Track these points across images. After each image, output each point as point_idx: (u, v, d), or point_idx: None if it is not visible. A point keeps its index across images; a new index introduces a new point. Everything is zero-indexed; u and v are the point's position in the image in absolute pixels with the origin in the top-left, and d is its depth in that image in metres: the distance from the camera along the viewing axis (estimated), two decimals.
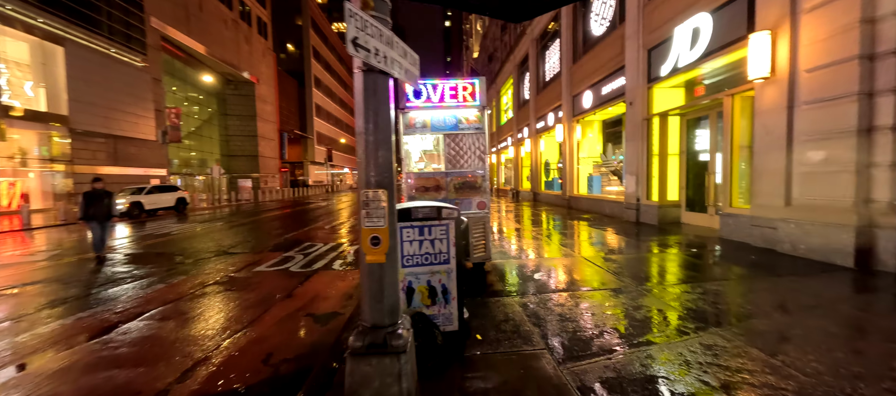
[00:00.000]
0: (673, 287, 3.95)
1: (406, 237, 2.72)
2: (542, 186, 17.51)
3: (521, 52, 20.11)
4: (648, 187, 8.73)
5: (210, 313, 3.83)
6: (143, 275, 5.45)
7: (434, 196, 4.14)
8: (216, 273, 5.38)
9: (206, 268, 5.76)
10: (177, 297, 4.34)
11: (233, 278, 5.12)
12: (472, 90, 4.04)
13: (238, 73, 38.95)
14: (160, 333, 3.36)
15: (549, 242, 6.81)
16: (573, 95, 13.06)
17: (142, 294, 4.51)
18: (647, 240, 6.61)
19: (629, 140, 9.24)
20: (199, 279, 5.07)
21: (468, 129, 4.10)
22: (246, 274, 5.29)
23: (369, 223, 1.94)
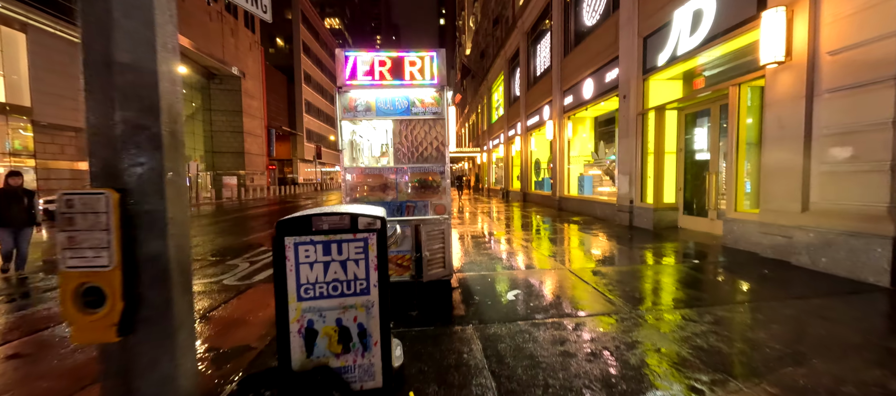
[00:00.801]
0: (674, 312, 3.18)
1: (304, 257, 1.89)
2: (532, 186, 16.77)
3: (512, 46, 19.35)
4: (643, 189, 7.99)
5: (85, 349, 2.97)
6: (32, 294, 4.54)
7: (381, 198, 3.32)
8: None
9: None
10: (48, 325, 3.46)
11: None
12: (424, 66, 3.22)
13: (223, 67, 37.67)
14: None
15: (533, 249, 6.02)
16: (564, 90, 12.32)
17: (11, 320, 3.62)
18: (641, 248, 5.86)
19: (622, 137, 8.50)
20: None
21: (423, 114, 3.28)
22: None
23: (76, 261, 1.07)
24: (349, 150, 3.77)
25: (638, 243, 6.21)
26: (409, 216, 3.34)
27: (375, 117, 3.25)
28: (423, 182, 3.33)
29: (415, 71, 3.22)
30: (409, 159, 3.35)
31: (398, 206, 3.32)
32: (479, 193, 27.79)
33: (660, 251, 5.56)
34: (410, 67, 3.22)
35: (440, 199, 3.36)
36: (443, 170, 3.35)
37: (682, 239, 6.40)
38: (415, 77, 3.23)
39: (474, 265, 4.93)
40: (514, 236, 7.36)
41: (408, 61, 3.20)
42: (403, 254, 3.34)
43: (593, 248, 6.00)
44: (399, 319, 3.10)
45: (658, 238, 6.57)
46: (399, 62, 3.22)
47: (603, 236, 7.07)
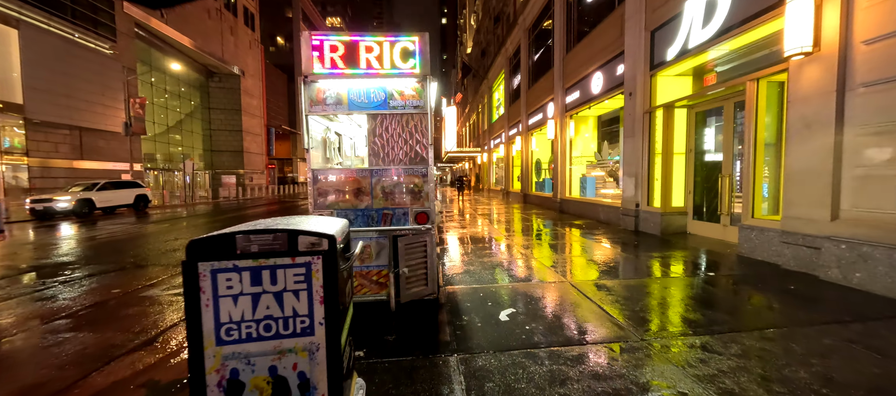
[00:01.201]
0: (692, 339, 2.73)
1: (226, 289, 1.45)
2: (532, 187, 16.30)
3: (513, 44, 18.89)
4: (649, 191, 7.53)
5: None
6: None
7: (353, 205, 2.88)
8: (88, 296, 4.07)
9: (80, 290, 4.44)
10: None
11: (101, 304, 3.82)
12: (406, 50, 2.77)
13: (222, 65, 37.37)
14: None
15: (532, 257, 5.57)
16: (566, 87, 11.86)
17: None
18: (649, 256, 5.40)
19: (628, 137, 8.04)
20: (50, 307, 3.77)
21: (402, 107, 2.84)
22: (121, 299, 3.99)
23: None
24: (322, 149, 3.34)
25: (645, 251, 5.75)
26: (386, 226, 2.90)
27: (347, 112, 2.81)
28: (401, 186, 2.89)
29: (393, 58, 2.77)
30: (387, 159, 2.91)
31: (374, 214, 2.88)
32: (479, 193, 27.34)
33: (669, 261, 5.10)
34: (387, 52, 2.77)
35: (423, 206, 2.92)
36: (425, 173, 2.91)
37: (693, 247, 5.93)
38: (394, 65, 2.79)
39: (467, 276, 4.49)
40: (512, 241, 6.91)
41: (385, 47, 2.76)
42: (380, 269, 2.91)
43: (597, 256, 5.54)
44: (372, 346, 2.67)
45: (666, 245, 6.11)
46: (375, 48, 2.77)
47: (607, 242, 6.61)
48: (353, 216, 2.87)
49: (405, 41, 2.77)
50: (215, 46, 36.35)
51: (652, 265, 4.95)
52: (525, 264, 5.14)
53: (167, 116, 34.67)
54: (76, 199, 13.54)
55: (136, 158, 26.08)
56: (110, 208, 15.44)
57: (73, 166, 21.47)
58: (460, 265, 5.05)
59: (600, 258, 5.43)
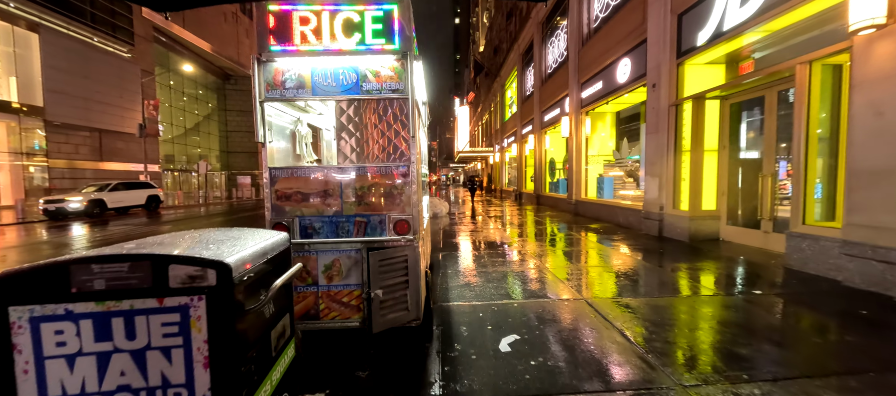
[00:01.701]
0: (747, 386, 2.10)
1: (57, 346, 0.96)
2: (546, 187, 15.58)
3: (526, 39, 18.19)
4: (676, 193, 6.78)
5: None
6: None
7: (319, 211, 2.37)
8: None
9: None
10: None
11: None
12: (380, 20, 2.25)
13: (238, 67, 37.94)
14: None
15: (544, 266, 4.97)
16: (581, 82, 11.13)
17: None
18: (678, 268, 4.72)
19: (650, 133, 7.30)
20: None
21: (378, 91, 2.31)
22: None
23: None
24: (292, 145, 2.85)
25: (672, 261, 5.06)
26: (359, 236, 2.38)
27: (311, 97, 2.31)
28: (376, 188, 2.36)
29: (365, 30, 2.25)
30: (361, 155, 2.39)
31: (344, 222, 2.37)
32: (491, 194, 26.66)
33: (702, 274, 4.41)
34: (357, 23, 2.25)
35: (403, 212, 2.38)
36: (406, 171, 2.37)
37: (728, 256, 5.20)
38: (365, 40, 2.27)
39: (467, 290, 3.93)
40: (522, 247, 6.31)
41: (352, 16, 2.24)
42: (352, 289, 2.39)
43: (616, 266, 4.88)
44: (339, 384, 2.16)
45: (696, 254, 5.39)
46: (341, 17, 2.26)
47: (627, 249, 5.92)
48: (320, 225, 2.37)
49: (379, 9, 2.24)
50: (231, 50, 36.91)
51: (682, 278, 4.28)
52: (535, 275, 4.54)
53: (185, 118, 35.40)
54: (88, 199, 13.65)
55: (151, 159, 26.56)
56: (122, 208, 15.58)
57: (94, 167, 21.97)
58: (461, 276, 4.49)
59: (621, 268, 4.77)
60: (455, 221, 10.29)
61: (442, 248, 6.34)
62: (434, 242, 6.87)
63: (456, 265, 5.04)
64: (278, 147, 2.68)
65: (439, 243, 6.81)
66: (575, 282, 4.20)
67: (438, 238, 7.32)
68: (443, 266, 4.99)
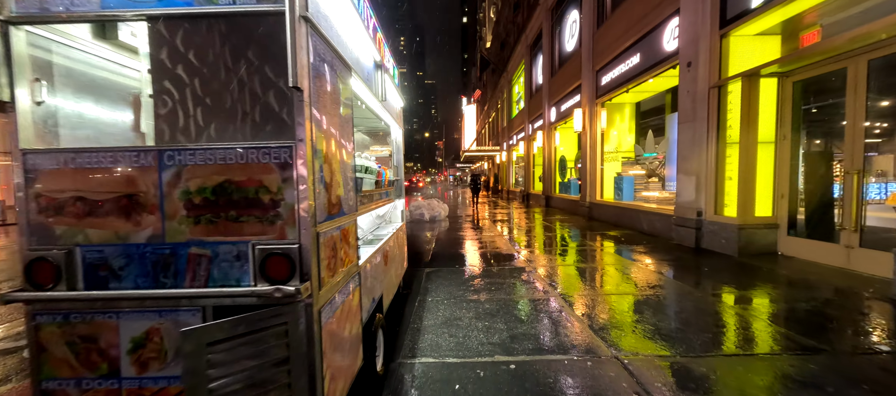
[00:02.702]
0: None
1: None
2: (555, 188, 14.30)
3: (534, 29, 16.93)
4: (718, 195, 5.49)
5: None
6: None
7: (121, 234, 1.22)
8: None
9: None
10: None
11: None
12: None
13: None
14: None
15: (554, 297, 3.77)
16: (597, 69, 9.86)
17: None
18: (742, 299, 3.47)
19: (684, 122, 6.02)
20: None
21: (228, 2, 1.16)
22: None
23: None
24: (139, 117, 1.72)
25: (727, 287, 3.80)
26: (193, 286, 1.23)
27: (102, 13, 1.18)
28: (228, 190, 1.21)
29: None
30: (196, 126, 1.24)
31: (167, 255, 1.22)
32: (498, 195, 25.41)
33: (783, 309, 3.15)
34: None
35: (280, 237, 1.23)
36: (289, 157, 1.22)
37: (801, 278, 3.92)
38: None
39: (447, 336, 2.77)
40: (526, 265, 5.10)
41: None
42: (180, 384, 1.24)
43: (652, 297, 3.65)
44: None
45: (755, 275, 4.12)
46: None
47: (661, 266, 4.67)
48: (122, 262, 1.23)
49: None
50: None
51: (756, 318, 3.03)
52: (543, 309, 3.34)
53: None
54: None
55: None
56: None
57: None
58: (444, 308, 3.32)
59: (659, 300, 3.54)
60: (453, 226, 9.12)
61: (429, 262, 5.18)
62: (419, 253, 5.72)
63: (441, 290, 3.87)
64: (92, 116, 1.55)
65: (426, 254, 5.65)
66: (599, 323, 2.99)
67: (428, 248, 6.17)
68: (423, 292, 3.83)
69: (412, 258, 5.42)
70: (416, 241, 7.04)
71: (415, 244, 6.64)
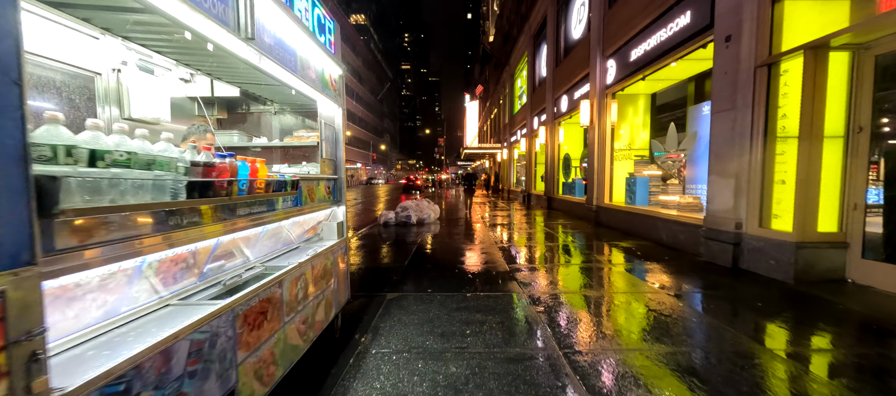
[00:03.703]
0: None
1: None
2: (559, 189, 13.15)
3: (538, 17, 15.73)
4: (765, 203, 4.35)
5: None
6: None
7: None
8: None
9: None
10: None
11: None
12: None
13: None
14: None
15: (553, 344, 2.65)
16: (607, 55, 8.69)
17: None
18: (836, 360, 2.33)
19: (720, 111, 4.87)
20: None
21: None
22: None
23: None
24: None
25: (798, 333, 2.66)
26: None
27: None
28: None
29: None
30: None
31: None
32: (498, 194, 24.27)
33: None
34: None
35: None
36: None
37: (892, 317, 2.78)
38: None
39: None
40: (521, 289, 3.99)
41: None
42: None
43: (694, 352, 2.52)
44: None
45: (828, 313, 2.98)
46: None
47: (696, 297, 3.54)
48: None
49: None
50: None
51: (844, 385, 1.90)
52: (543, 389, 2.23)
53: None
54: None
55: None
56: None
57: None
58: (383, 387, 2.22)
59: (695, 354, 2.40)
60: (441, 231, 8.02)
61: (396, 283, 4.08)
62: (387, 269, 4.61)
63: (396, 333, 2.77)
64: None
65: (395, 271, 4.55)
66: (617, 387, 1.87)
67: (402, 261, 5.07)
68: (371, 334, 2.73)
69: (374, 279, 4.32)
70: (388, 251, 5.94)
71: (383, 258, 5.55)
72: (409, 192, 28.70)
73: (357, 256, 5.61)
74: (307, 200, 2.19)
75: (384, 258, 5.40)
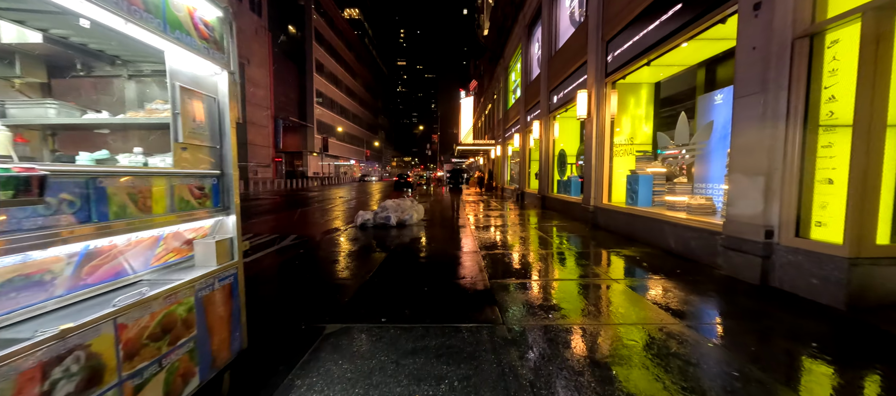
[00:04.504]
0: None
1: None
2: (553, 187, 12.33)
3: (532, 5, 14.84)
4: (803, 207, 3.53)
5: None
6: None
7: None
8: None
9: None
10: None
11: None
12: None
13: None
14: None
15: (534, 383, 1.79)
16: (607, 40, 7.85)
17: None
18: None
19: (747, 95, 4.03)
20: None
21: None
22: None
23: None
24: None
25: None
26: None
27: None
28: None
29: None
30: None
31: None
32: (491, 192, 23.43)
33: None
34: None
35: None
36: None
37: None
38: None
39: None
40: (498, 319, 3.14)
41: None
42: None
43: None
44: None
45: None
46: None
47: (732, 333, 2.72)
48: None
49: None
50: None
51: None
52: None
53: None
54: None
55: None
56: None
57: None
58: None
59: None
60: (420, 236, 7.16)
61: (342, 309, 3.21)
62: (338, 288, 3.74)
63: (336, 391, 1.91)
64: None
65: (347, 291, 3.68)
66: None
67: (363, 274, 4.19)
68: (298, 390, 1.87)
69: (320, 302, 3.45)
70: (351, 262, 5.06)
71: (341, 271, 4.68)
72: (401, 189, 27.77)
73: (310, 270, 4.73)
74: (132, 209, 1.30)
75: (342, 273, 4.52)
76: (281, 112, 48.08)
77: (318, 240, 6.78)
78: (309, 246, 6.17)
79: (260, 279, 4.21)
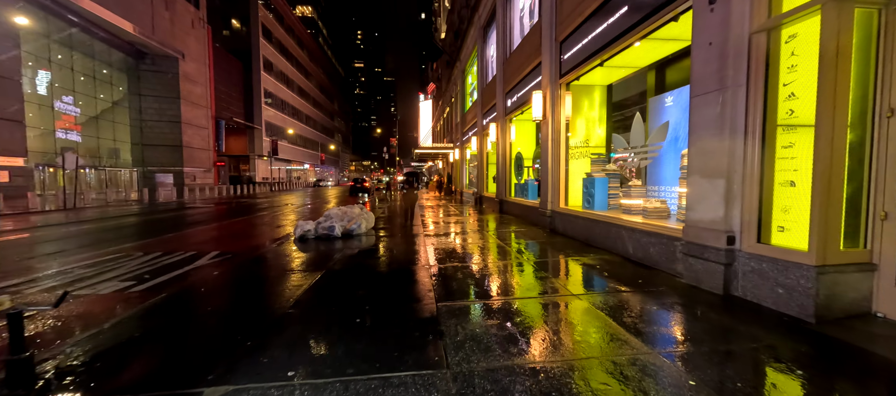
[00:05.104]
0: None
1: None
2: (511, 191, 12.10)
3: (487, 7, 14.66)
4: (764, 212, 3.33)
5: None
6: None
7: None
8: None
9: None
10: None
11: None
12: None
13: (153, 44, 31.71)
14: None
15: None
16: (561, 40, 7.66)
17: None
18: None
19: (703, 93, 3.82)
20: None
21: None
22: None
23: None
24: None
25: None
26: None
27: None
28: None
29: None
30: None
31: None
32: (450, 197, 23.01)
33: None
34: None
35: None
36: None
37: None
38: None
39: None
40: (441, 358, 2.55)
41: None
42: None
43: None
44: None
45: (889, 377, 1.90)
46: None
47: (700, 356, 2.35)
48: None
49: None
50: (144, 22, 30.57)
51: None
52: None
53: (90, 104, 29.00)
54: None
55: (20, 151, 20.60)
56: None
57: None
58: None
59: None
60: (367, 247, 6.40)
61: (239, 358, 2.42)
62: (247, 324, 2.93)
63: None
64: None
65: (259, 326, 2.89)
66: None
67: (283, 307, 3.40)
68: None
69: (211, 348, 2.63)
70: (271, 288, 4.21)
71: (253, 301, 3.85)
72: (356, 194, 26.48)
73: (216, 300, 3.83)
74: None
75: (258, 303, 3.68)
76: (224, 112, 44.33)
77: (244, 258, 5.79)
78: (229, 266, 5.18)
79: (148, 315, 3.25)
